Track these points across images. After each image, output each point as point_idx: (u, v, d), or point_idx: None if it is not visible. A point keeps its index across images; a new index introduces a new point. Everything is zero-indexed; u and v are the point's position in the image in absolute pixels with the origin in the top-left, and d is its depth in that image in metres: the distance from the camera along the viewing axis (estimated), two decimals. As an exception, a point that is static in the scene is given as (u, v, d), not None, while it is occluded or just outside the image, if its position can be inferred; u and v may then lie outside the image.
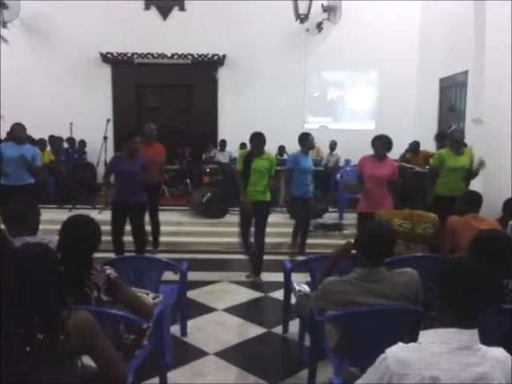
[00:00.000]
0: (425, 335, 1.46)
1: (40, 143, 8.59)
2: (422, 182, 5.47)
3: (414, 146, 7.78)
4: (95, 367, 1.81)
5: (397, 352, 1.43)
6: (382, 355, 1.44)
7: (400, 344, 1.45)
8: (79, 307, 1.91)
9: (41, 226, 3.16)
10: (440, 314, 1.49)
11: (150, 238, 5.73)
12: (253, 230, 4.98)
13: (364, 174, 4.72)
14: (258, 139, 4.83)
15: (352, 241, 2.63)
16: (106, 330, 1.97)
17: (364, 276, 2.28)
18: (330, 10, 9.36)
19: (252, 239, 5.01)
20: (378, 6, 9.32)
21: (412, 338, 1.57)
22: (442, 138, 6.14)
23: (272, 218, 6.36)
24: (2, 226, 2.92)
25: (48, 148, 8.75)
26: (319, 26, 9.62)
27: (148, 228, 5.55)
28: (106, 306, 2.29)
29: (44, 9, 9.37)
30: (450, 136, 5.23)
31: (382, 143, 4.76)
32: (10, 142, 5.59)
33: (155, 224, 5.79)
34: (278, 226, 6.37)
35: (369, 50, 9.44)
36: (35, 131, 8.71)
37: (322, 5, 9.31)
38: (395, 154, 8.38)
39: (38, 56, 9.59)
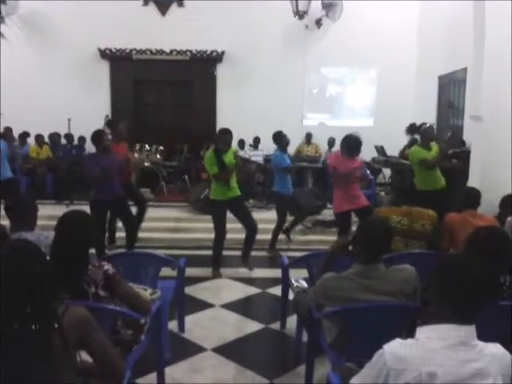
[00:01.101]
0: (422, 331, 1.46)
1: (37, 139, 8.60)
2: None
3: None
4: (93, 362, 1.81)
5: (394, 348, 1.43)
6: (380, 351, 1.44)
7: (397, 340, 1.45)
8: (76, 303, 1.92)
9: (39, 222, 3.17)
10: (437, 309, 1.49)
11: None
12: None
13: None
14: (227, 134, 4.89)
15: (349, 237, 2.63)
16: (104, 325, 1.97)
17: (362, 272, 2.28)
18: (329, 6, 9.33)
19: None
20: (377, 3, 9.31)
21: (410, 334, 1.57)
22: (413, 130, 6.23)
23: (265, 215, 6.42)
24: (4, 223, 2.92)
25: (46, 144, 8.74)
26: (318, 23, 9.59)
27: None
28: (104, 301, 2.29)
29: (42, 5, 9.31)
30: (424, 133, 5.36)
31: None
32: None
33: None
34: (272, 222, 6.35)
35: (368, 47, 9.42)
36: (34, 127, 8.72)
37: (322, 1, 9.28)
38: (394, 150, 8.43)
39: (36, 52, 9.55)
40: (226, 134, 4.90)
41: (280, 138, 5.70)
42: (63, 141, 9.12)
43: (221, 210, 4.93)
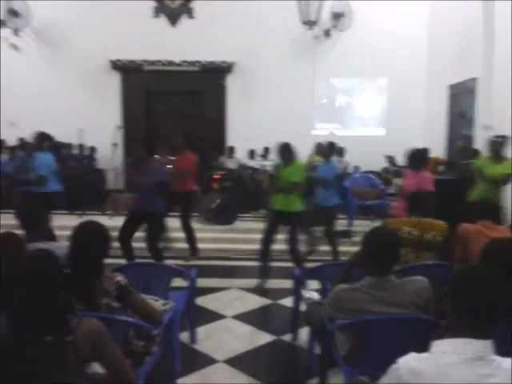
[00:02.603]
0: (437, 345, 1.44)
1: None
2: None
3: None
4: (105, 373, 1.82)
5: (409, 362, 1.41)
6: (394, 365, 1.43)
7: (412, 354, 1.44)
8: (89, 314, 1.93)
9: (51, 233, 3.19)
10: (453, 323, 1.47)
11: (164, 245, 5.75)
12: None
13: None
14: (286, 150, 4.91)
15: None
16: (116, 336, 1.97)
17: (374, 284, 2.27)
18: (338, 17, 9.38)
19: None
20: (386, 13, 9.35)
21: (423, 347, 1.55)
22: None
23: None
24: (20, 232, 2.95)
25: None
26: (327, 33, 9.64)
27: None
28: (117, 312, 2.29)
29: (55, 17, 9.49)
30: (491, 145, 5.26)
31: None
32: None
33: (188, 232, 5.86)
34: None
35: (377, 57, 9.45)
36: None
37: (331, 12, 9.33)
38: (404, 160, 8.39)
39: (49, 63, 9.70)
40: (285, 148, 4.92)
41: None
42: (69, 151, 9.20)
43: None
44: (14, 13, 9.06)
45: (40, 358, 1.54)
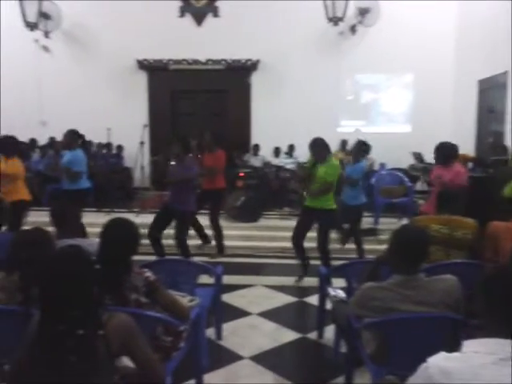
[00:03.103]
0: (468, 345, 1.42)
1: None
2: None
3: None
4: (134, 368, 1.85)
5: (439, 361, 1.39)
6: (424, 364, 1.41)
7: (443, 353, 1.41)
8: (119, 309, 1.96)
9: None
10: (484, 323, 1.44)
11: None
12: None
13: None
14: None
15: None
16: (144, 331, 2.00)
17: (402, 282, 2.24)
18: (364, 12, 9.28)
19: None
20: (413, 8, 9.19)
21: (452, 346, 1.52)
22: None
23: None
24: (51, 229, 3.02)
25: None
26: (353, 29, 9.54)
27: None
28: (145, 308, 2.33)
29: (84, 19, 9.68)
30: None
31: None
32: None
33: (216, 230, 5.90)
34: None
35: (404, 52, 9.32)
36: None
37: (357, 7, 9.23)
38: (432, 157, 8.24)
39: (78, 64, 9.91)
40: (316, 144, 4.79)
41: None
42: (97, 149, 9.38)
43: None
44: (45, 15, 9.28)
45: (73, 351, 1.58)
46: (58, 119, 9.02)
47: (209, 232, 6.01)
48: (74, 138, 5.64)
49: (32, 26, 9.16)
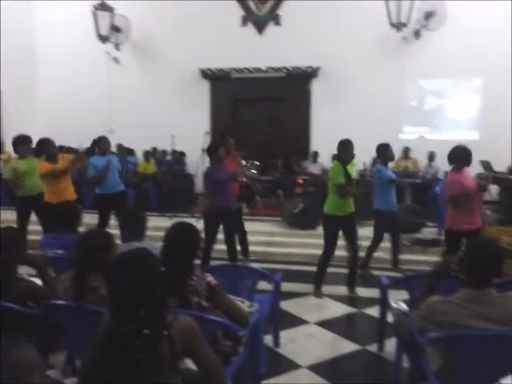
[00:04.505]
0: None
1: (145, 155, 9.28)
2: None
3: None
4: (196, 370, 1.89)
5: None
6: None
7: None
8: (182, 312, 2.02)
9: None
10: None
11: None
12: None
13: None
14: (350, 144, 4.73)
15: (452, 257, 2.48)
16: (206, 335, 2.05)
17: (471, 297, 2.14)
18: (429, 16, 9.00)
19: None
20: (481, 9, 8.79)
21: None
22: None
23: (366, 232, 6.17)
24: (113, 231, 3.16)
25: (152, 160, 9.38)
26: (417, 34, 9.27)
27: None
28: (206, 311, 2.38)
29: (151, 30, 10.11)
30: None
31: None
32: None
33: (241, 233, 5.90)
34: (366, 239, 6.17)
35: (472, 56, 8.93)
36: (141, 144, 9.43)
37: (421, 11, 8.97)
38: (502, 165, 7.81)
39: (144, 74, 10.36)
40: (350, 144, 4.71)
41: (385, 151, 5.44)
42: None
43: (334, 226, 4.70)
44: (116, 28, 9.80)
45: (139, 350, 1.64)
46: (125, 127, 9.47)
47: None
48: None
49: (104, 39, 9.69)
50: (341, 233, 4.81)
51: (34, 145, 5.67)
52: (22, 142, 5.60)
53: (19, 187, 5.57)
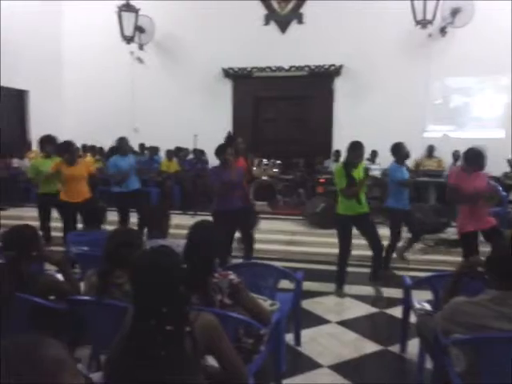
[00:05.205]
0: None
1: (168, 154, 9.37)
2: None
3: None
4: (218, 368, 1.90)
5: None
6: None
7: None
8: (205, 309, 2.04)
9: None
10: None
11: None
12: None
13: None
14: (358, 147, 4.69)
15: (479, 257, 2.43)
16: (228, 332, 2.06)
17: (499, 299, 2.09)
18: (455, 13, 8.84)
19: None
20: (509, 6, 8.59)
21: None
22: None
23: (383, 231, 6.10)
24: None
25: (174, 159, 9.47)
26: (443, 31, 9.13)
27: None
28: (228, 309, 2.39)
29: (174, 30, 10.21)
30: None
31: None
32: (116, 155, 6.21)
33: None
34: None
35: (499, 53, 8.76)
36: (164, 143, 9.53)
37: (448, 8, 8.82)
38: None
39: (167, 74, 10.48)
40: (358, 147, 4.70)
41: (398, 150, 5.40)
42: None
43: (347, 226, 4.73)
44: (140, 29, 9.92)
45: (162, 346, 1.66)
46: (149, 126, 9.59)
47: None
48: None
49: (128, 40, 9.83)
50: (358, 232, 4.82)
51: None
52: (47, 141, 5.82)
53: (40, 185, 5.77)
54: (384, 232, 5.68)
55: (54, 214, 5.83)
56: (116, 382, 1.71)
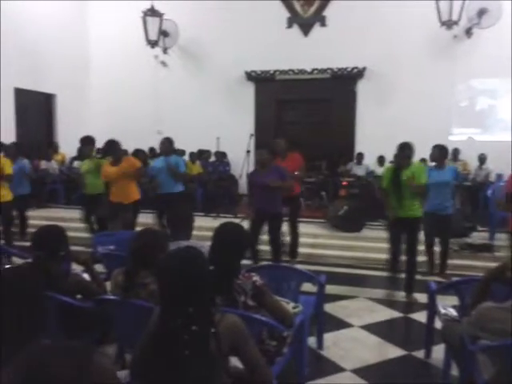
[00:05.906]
0: None
1: (191, 157, 9.45)
2: None
3: None
4: (242, 368, 1.91)
5: None
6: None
7: None
8: (229, 310, 2.05)
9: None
10: None
11: (287, 249, 5.84)
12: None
13: None
14: (404, 149, 4.63)
15: (510, 262, 2.38)
16: (251, 334, 2.07)
17: (527, 305, 2.06)
18: (482, 13, 8.69)
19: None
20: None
21: None
22: None
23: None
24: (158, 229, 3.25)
25: (197, 161, 9.54)
26: (469, 32, 8.98)
27: (287, 239, 5.72)
28: (252, 311, 2.40)
29: (197, 34, 10.31)
30: None
31: None
32: (160, 157, 6.23)
33: (294, 235, 5.89)
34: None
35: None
36: (188, 145, 9.62)
37: (474, 9, 8.68)
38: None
39: (191, 77, 10.58)
40: (404, 147, 4.62)
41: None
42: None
43: (394, 228, 4.69)
44: (164, 33, 10.06)
45: (187, 346, 1.68)
46: (173, 129, 9.67)
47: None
48: (170, 146, 6.04)
49: (153, 44, 9.97)
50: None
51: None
52: (85, 142, 5.96)
53: (83, 185, 6.01)
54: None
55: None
56: (141, 380, 1.73)
